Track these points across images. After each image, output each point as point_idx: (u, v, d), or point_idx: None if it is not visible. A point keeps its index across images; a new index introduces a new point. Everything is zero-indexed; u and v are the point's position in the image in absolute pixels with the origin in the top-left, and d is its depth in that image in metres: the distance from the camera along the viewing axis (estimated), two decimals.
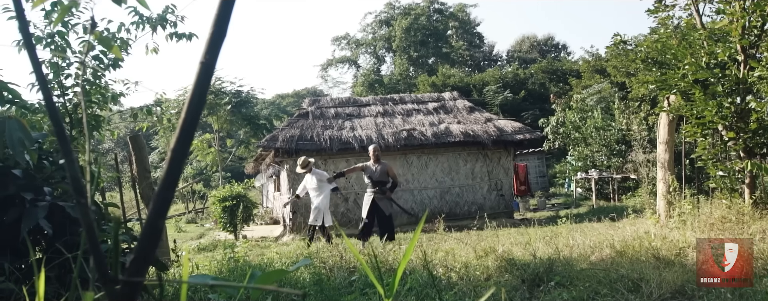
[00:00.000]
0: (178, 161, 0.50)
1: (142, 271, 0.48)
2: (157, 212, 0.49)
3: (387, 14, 46.19)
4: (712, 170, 6.91)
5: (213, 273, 5.29)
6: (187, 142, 0.53)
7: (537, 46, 49.08)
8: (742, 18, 6.50)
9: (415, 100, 16.26)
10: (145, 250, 0.49)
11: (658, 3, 7.88)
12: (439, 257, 5.86)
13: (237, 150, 27.36)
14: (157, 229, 0.50)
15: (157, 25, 6.06)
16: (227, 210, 13.23)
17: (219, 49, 0.53)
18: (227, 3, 0.52)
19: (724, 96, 6.70)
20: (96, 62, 5.67)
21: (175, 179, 0.51)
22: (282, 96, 57.75)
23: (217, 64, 0.54)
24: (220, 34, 0.53)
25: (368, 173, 9.02)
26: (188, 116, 0.51)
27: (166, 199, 0.50)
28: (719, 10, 6.79)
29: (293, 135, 13.45)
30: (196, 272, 5.33)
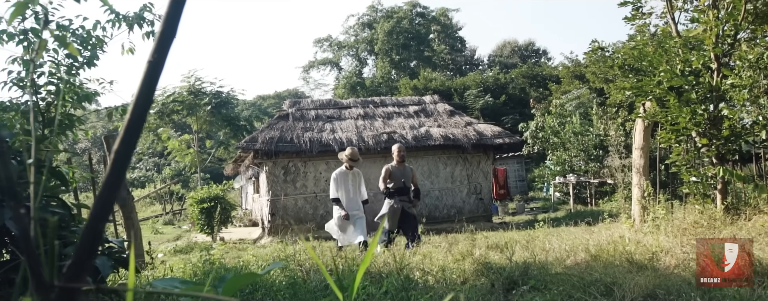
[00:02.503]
0: (121, 162, 0.49)
1: (81, 276, 0.47)
2: (97, 215, 0.48)
3: (369, 17, 46.22)
4: (686, 176, 7.02)
5: (187, 276, 5.23)
6: (132, 143, 0.51)
7: (518, 51, 49.48)
8: (715, 27, 6.63)
9: (396, 103, 16.28)
10: (84, 255, 0.48)
11: (636, 11, 8.00)
12: (417, 261, 5.87)
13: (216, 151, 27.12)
14: (98, 233, 0.48)
15: (133, 24, 5.98)
16: (205, 212, 13.10)
17: (168, 48, 0.51)
18: (177, 3, 0.51)
19: (698, 103, 6.82)
20: (70, 60, 5.57)
21: (118, 180, 0.49)
22: (263, 97, 57.38)
23: (165, 63, 0.53)
24: (169, 33, 0.52)
25: (393, 177, 8.05)
26: (134, 116, 0.50)
27: (108, 201, 0.48)
28: (694, 19, 6.91)
29: (273, 137, 13.37)
30: (170, 274, 5.26)
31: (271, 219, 13.15)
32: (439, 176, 14.10)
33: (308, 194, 13.43)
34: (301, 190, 13.44)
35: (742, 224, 6.10)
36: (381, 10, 45.75)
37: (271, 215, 13.16)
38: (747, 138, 7.32)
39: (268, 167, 13.36)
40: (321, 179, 13.55)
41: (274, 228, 12.87)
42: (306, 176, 13.48)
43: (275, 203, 13.18)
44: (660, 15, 8.00)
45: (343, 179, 8.13)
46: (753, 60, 6.97)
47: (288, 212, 13.25)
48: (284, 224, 12.88)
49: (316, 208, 13.43)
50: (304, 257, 5.56)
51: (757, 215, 6.28)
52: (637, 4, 7.94)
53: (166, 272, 5.37)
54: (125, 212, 6.11)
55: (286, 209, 13.26)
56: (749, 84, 6.80)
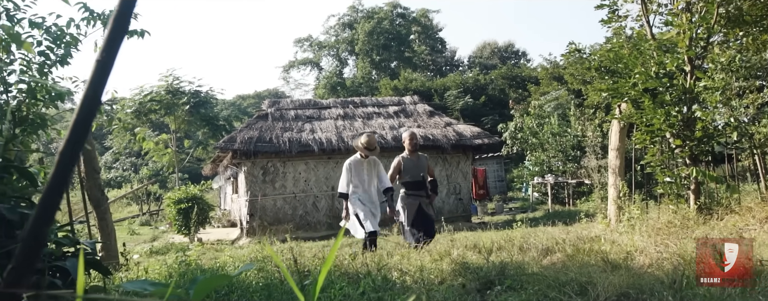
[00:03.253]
0: (66, 163, 0.47)
1: (22, 281, 0.45)
2: (40, 218, 0.46)
3: (350, 17, 46.15)
4: (660, 176, 7.13)
5: (162, 277, 5.16)
6: (78, 143, 0.50)
7: (498, 52, 49.82)
8: (689, 30, 6.74)
9: (376, 103, 16.28)
10: (26, 259, 0.46)
11: (612, 14, 8.11)
12: (395, 261, 5.86)
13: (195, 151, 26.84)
14: (40, 237, 0.47)
15: (108, 22, 5.89)
16: (182, 212, 12.96)
17: (117, 47, 0.50)
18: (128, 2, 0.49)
19: (672, 105, 6.93)
20: (42, 58, 5.46)
21: (62, 182, 0.48)
22: (243, 97, 56.97)
23: (114, 63, 0.52)
24: (119, 32, 0.50)
25: (406, 169, 7.17)
26: (81, 116, 0.49)
27: (52, 204, 0.47)
28: (667, 22, 7.03)
29: (252, 137, 13.28)
30: (145, 276, 5.19)
31: (249, 220, 13.06)
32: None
33: (287, 194, 13.36)
34: (280, 190, 13.36)
35: (714, 223, 6.21)
36: (362, 11, 45.73)
37: (249, 215, 13.06)
38: (719, 139, 7.47)
39: (247, 167, 13.27)
40: (300, 180, 13.50)
41: (253, 229, 12.78)
42: (285, 176, 13.41)
43: (254, 203, 13.09)
44: (635, 18, 8.12)
45: (358, 169, 7.22)
46: (725, 63, 7.11)
47: (267, 213, 13.17)
48: (263, 225, 12.80)
49: (296, 208, 13.37)
50: (282, 258, 5.52)
51: (729, 214, 6.40)
52: (613, 7, 8.04)
53: (140, 273, 5.30)
54: (99, 213, 6.01)
55: (264, 209, 13.18)
56: (721, 86, 6.93)
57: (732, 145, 8.31)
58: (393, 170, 7.26)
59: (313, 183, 13.55)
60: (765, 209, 6.01)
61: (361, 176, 7.28)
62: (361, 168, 7.28)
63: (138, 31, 6.36)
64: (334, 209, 13.55)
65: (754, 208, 6.20)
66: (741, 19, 7.35)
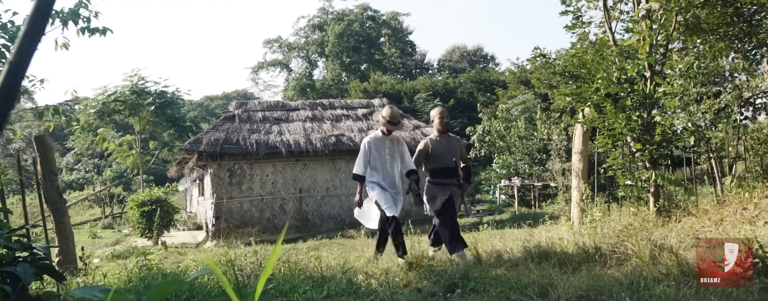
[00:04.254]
0: None
1: None
2: None
3: (320, 19, 46.00)
4: (621, 179, 7.29)
5: (122, 282, 5.04)
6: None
7: (467, 56, 50.31)
8: (649, 37, 6.92)
9: (345, 105, 16.26)
10: None
11: (576, 20, 8.26)
12: (361, 264, 5.85)
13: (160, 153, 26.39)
14: None
15: (68, 20, 5.75)
16: (146, 215, 12.71)
17: (33, 49, 0.48)
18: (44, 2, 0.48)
19: (633, 110, 7.09)
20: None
21: None
22: (211, 98, 56.22)
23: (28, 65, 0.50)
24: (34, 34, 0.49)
25: (436, 154, 6.12)
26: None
27: None
28: (628, 29, 7.20)
29: (218, 138, 13.11)
30: (103, 281, 5.06)
31: (215, 223, 12.88)
32: None
33: (254, 196, 13.23)
34: (247, 193, 13.22)
35: (672, 225, 6.37)
36: (332, 13, 45.63)
37: (215, 218, 12.89)
38: (678, 143, 7.67)
39: (213, 170, 13.09)
40: (267, 182, 13.38)
41: (219, 232, 12.61)
42: (252, 178, 13.28)
43: (219, 206, 12.91)
44: (599, 24, 8.28)
45: (379, 147, 6.17)
46: (683, 69, 7.32)
47: (233, 216, 13.01)
48: (229, 228, 12.64)
49: (263, 211, 13.25)
50: (245, 262, 5.47)
51: (686, 217, 6.58)
52: (577, 14, 8.19)
53: (98, 278, 5.17)
54: (57, 216, 5.85)
55: (231, 212, 13.02)
56: (680, 92, 7.13)
57: (690, 150, 8.56)
58: (418, 154, 6.17)
59: (280, 185, 13.45)
60: (720, 211, 6.19)
61: (382, 156, 6.17)
62: (382, 147, 6.18)
63: (99, 29, 6.22)
64: (301, 211, 13.46)
65: (710, 210, 6.39)
66: (699, 27, 7.57)
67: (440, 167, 6.12)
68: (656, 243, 5.34)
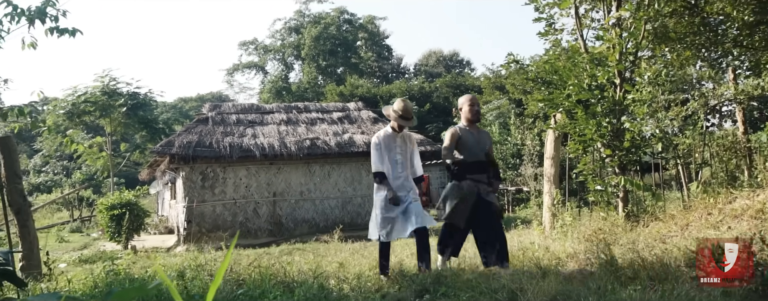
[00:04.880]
0: None
1: None
2: None
3: (297, 22, 45.83)
4: (592, 185, 7.40)
5: (87, 288, 4.94)
6: None
7: (443, 61, 50.62)
8: (618, 45, 7.05)
9: (320, 109, 16.22)
10: None
11: (549, 26, 8.36)
12: (333, 269, 5.83)
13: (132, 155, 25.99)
14: None
15: (34, 19, 5.62)
16: (115, 219, 12.47)
17: None
18: None
19: (603, 116, 7.21)
20: None
21: None
22: (185, 100, 55.52)
23: None
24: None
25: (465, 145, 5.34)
26: None
27: None
28: (599, 37, 7.32)
29: (191, 141, 12.95)
30: (68, 287, 4.95)
31: (187, 226, 12.70)
32: (362, 182, 14.13)
33: (227, 200, 13.09)
34: (219, 196, 13.08)
35: (640, 230, 6.48)
36: (308, 16, 45.49)
37: (187, 222, 12.71)
38: (646, 150, 7.83)
39: (185, 173, 12.92)
40: (241, 186, 13.25)
41: (191, 236, 12.44)
42: (225, 182, 13.14)
43: (191, 209, 12.75)
44: (571, 31, 8.41)
45: (389, 145, 5.42)
46: (652, 77, 7.47)
47: (205, 219, 12.85)
48: (201, 232, 12.49)
49: (236, 215, 13.12)
50: (216, 267, 5.40)
51: (654, 221, 6.70)
52: (550, 21, 8.30)
53: (63, 284, 5.05)
54: (20, 220, 5.70)
55: (203, 215, 12.86)
56: (648, 99, 7.28)
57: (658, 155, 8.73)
58: (450, 142, 5.35)
59: (254, 189, 13.34)
60: (686, 216, 6.33)
61: (392, 155, 5.41)
62: (393, 145, 5.43)
63: (69, 30, 6.09)
64: (275, 215, 13.36)
65: (677, 215, 6.52)
66: (667, 36, 7.74)
67: (471, 161, 5.31)
68: (624, 248, 5.43)
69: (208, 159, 12.90)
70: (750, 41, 8.22)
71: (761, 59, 8.59)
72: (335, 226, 11.37)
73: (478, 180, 5.30)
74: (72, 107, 20.04)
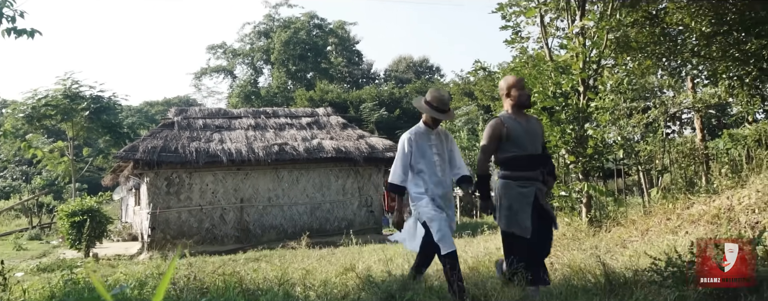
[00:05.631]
0: None
1: None
2: None
3: (266, 26, 45.48)
4: (556, 191, 7.52)
5: (44, 297, 4.79)
6: None
7: (413, 66, 50.89)
8: (582, 54, 7.20)
9: (289, 114, 16.13)
10: None
11: (515, 34, 8.50)
12: (299, 276, 5.79)
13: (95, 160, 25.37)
14: None
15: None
16: (76, 226, 12.13)
17: None
18: None
19: (567, 123, 7.35)
20: None
21: None
22: (151, 104, 54.48)
23: None
24: None
25: (513, 137, 4.31)
26: None
27: None
28: (563, 45, 7.47)
29: (156, 146, 12.71)
30: (23, 297, 4.79)
31: (151, 233, 12.45)
32: (331, 188, 14.09)
33: (193, 206, 12.88)
34: (185, 202, 12.87)
35: (602, 235, 6.62)
36: (278, 20, 45.20)
37: (151, 229, 12.46)
38: (608, 156, 8.00)
39: (150, 178, 12.68)
40: (207, 191, 13.06)
41: (155, 243, 12.20)
42: (191, 187, 12.93)
43: (156, 216, 12.50)
44: (536, 40, 8.56)
45: (423, 145, 4.53)
46: (614, 85, 7.66)
47: (170, 226, 12.62)
48: (166, 239, 12.26)
49: (202, 221, 12.92)
50: (178, 275, 5.30)
51: (616, 226, 6.85)
52: (516, 29, 8.44)
53: (18, 294, 4.88)
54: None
55: (168, 222, 12.63)
56: (611, 107, 7.46)
57: (620, 162, 8.93)
58: (491, 138, 4.35)
59: (221, 195, 13.15)
60: (646, 221, 6.48)
61: (428, 156, 4.51)
62: (427, 144, 4.53)
63: (27, 31, 5.93)
64: (242, 221, 13.20)
65: (638, 220, 6.68)
66: (628, 46, 7.95)
67: (521, 155, 4.32)
68: (587, 252, 5.54)
69: (174, 164, 12.68)
70: (707, 51, 8.50)
71: (718, 69, 8.89)
72: (303, 232, 11.31)
73: (532, 179, 4.33)
74: (32, 111, 19.47)
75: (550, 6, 8.04)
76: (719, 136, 13.73)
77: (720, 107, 15.53)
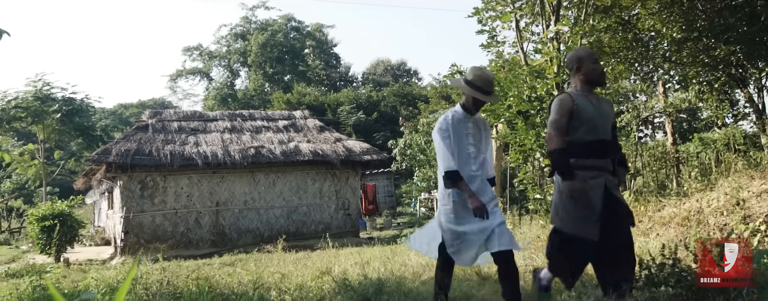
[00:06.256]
0: None
1: None
2: None
3: (243, 28, 45.15)
4: (531, 193, 7.60)
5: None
6: None
7: (390, 70, 51.02)
8: (556, 58, 7.29)
9: (265, 117, 16.02)
10: None
11: (491, 39, 8.58)
12: (275, 280, 5.74)
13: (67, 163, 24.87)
14: None
15: None
16: (46, 230, 11.88)
17: None
18: None
19: (542, 127, 7.43)
20: None
21: None
22: (125, 106, 53.62)
23: None
24: None
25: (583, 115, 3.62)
26: None
27: None
28: (537, 50, 7.56)
29: (129, 149, 12.51)
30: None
31: (124, 237, 12.24)
32: (308, 191, 14.02)
33: (168, 210, 12.70)
34: (159, 206, 12.68)
35: None
36: (255, 22, 44.93)
37: (124, 233, 12.25)
38: None
39: (123, 182, 12.47)
40: (182, 195, 12.89)
41: (128, 247, 11.99)
42: (166, 191, 12.75)
43: (129, 220, 12.30)
44: (512, 44, 8.66)
45: (459, 131, 3.84)
46: None
47: (144, 230, 12.42)
48: (139, 243, 12.06)
49: (176, 225, 12.74)
50: (151, 280, 5.22)
51: None
52: (492, 33, 8.51)
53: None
54: None
55: (142, 226, 12.43)
56: None
57: None
58: (561, 113, 3.61)
59: (196, 198, 13.00)
60: None
61: (462, 146, 3.83)
62: (463, 132, 3.85)
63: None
64: (218, 225, 13.06)
65: None
66: (602, 50, 8.08)
67: (591, 140, 3.62)
68: None
69: (148, 167, 12.50)
70: (678, 57, 8.68)
71: (688, 74, 9.08)
72: (280, 236, 11.23)
73: (602, 168, 3.63)
74: (1, 113, 19.05)
75: (525, 11, 8.13)
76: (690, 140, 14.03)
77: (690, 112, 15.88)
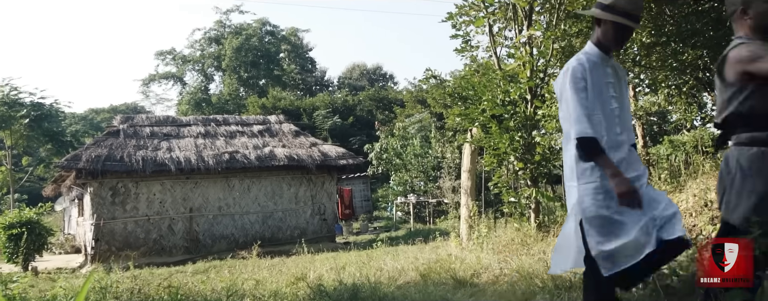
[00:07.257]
0: None
1: None
2: None
3: (217, 32, 44.71)
4: (506, 196, 7.65)
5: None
6: None
7: (366, 74, 51.04)
8: (529, 63, 7.37)
9: (240, 122, 15.88)
10: None
11: (465, 43, 8.62)
12: (249, 286, 5.68)
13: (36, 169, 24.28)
14: None
15: None
16: (13, 239, 11.57)
17: None
18: None
19: (515, 130, 7.49)
20: None
21: None
22: (96, 111, 52.60)
23: None
24: None
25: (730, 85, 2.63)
26: None
27: None
28: (511, 54, 7.63)
29: (100, 155, 12.28)
30: None
31: (95, 245, 11.99)
32: (283, 196, 13.92)
33: (140, 217, 12.49)
34: (131, 212, 12.46)
35: (551, 240, 6.75)
36: (229, 26, 44.53)
37: (95, 240, 12.01)
38: (556, 162, 8.19)
39: (94, 188, 12.23)
40: (154, 201, 12.69)
41: (99, 255, 11.75)
42: (138, 197, 12.54)
43: (100, 227, 12.05)
44: (486, 48, 8.71)
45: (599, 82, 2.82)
46: None
47: (116, 237, 12.19)
48: (111, 250, 11.83)
49: (149, 232, 12.53)
50: (121, 288, 5.12)
51: None
52: (466, 38, 8.56)
53: None
54: None
55: (113, 233, 12.19)
56: (557, 115, 7.64)
57: None
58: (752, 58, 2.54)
59: (169, 205, 12.80)
60: None
61: (605, 101, 2.81)
62: (602, 80, 2.83)
63: None
64: (191, 231, 12.88)
65: None
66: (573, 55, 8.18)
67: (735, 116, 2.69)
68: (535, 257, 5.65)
69: (119, 174, 12.28)
70: (648, 61, 8.83)
71: (658, 78, 9.25)
72: (255, 242, 11.11)
73: None
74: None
75: (498, 16, 8.19)
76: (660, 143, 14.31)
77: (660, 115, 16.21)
